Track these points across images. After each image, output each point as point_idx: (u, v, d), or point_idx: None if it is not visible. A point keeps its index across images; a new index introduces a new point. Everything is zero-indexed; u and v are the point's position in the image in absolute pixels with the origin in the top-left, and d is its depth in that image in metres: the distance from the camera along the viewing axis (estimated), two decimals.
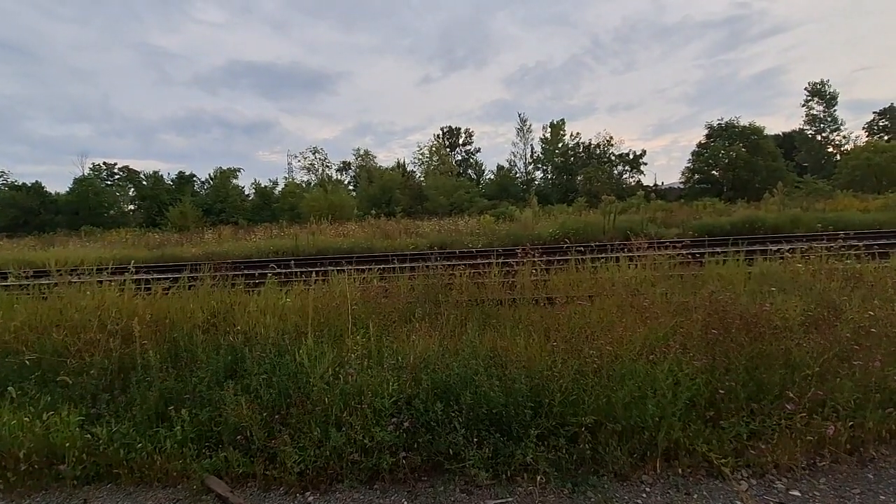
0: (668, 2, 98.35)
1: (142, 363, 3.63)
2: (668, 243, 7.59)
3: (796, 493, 2.48)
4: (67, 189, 47.48)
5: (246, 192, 53.64)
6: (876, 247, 7.97)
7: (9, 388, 3.18)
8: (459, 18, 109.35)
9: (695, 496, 2.47)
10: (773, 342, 3.16)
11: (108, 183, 52.82)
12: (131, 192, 53.53)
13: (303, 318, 4.41)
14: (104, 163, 54.01)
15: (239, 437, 2.92)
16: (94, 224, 38.37)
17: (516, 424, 2.79)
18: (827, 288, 4.48)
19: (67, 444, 2.88)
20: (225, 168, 53.22)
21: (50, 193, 47.82)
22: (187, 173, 53.80)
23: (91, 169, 53.19)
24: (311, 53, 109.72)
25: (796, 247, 6.76)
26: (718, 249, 8.87)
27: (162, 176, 52.19)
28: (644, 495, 2.50)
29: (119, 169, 54.21)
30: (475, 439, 2.72)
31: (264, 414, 2.99)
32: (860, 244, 6.77)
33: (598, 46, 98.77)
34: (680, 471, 2.65)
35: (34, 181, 47.46)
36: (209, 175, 54.15)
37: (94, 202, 45.65)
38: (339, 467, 2.74)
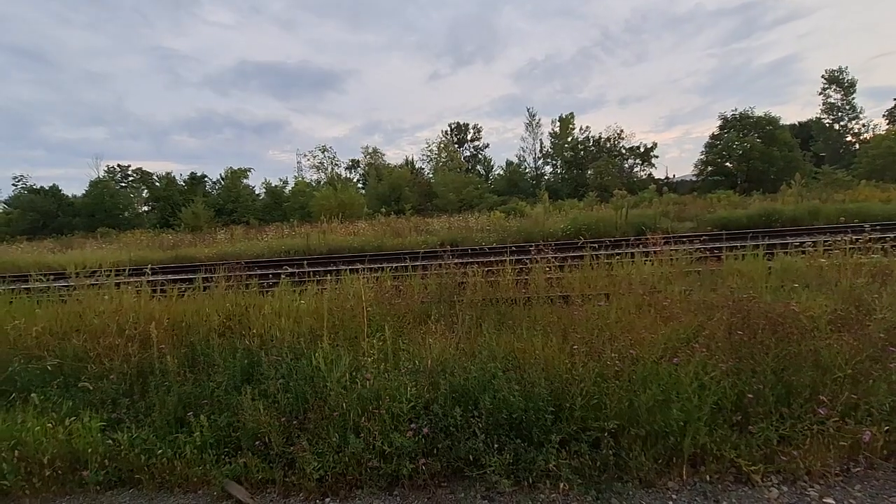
0: None
1: (160, 368, 3.65)
2: (684, 238, 7.47)
3: (830, 500, 2.40)
4: (84, 192, 48.33)
5: (256, 192, 54.05)
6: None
7: (32, 395, 3.21)
8: (466, 14, 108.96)
9: (723, 503, 2.40)
10: (801, 343, 3.06)
11: (123, 185, 53.64)
12: (145, 194, 54.24)
13: (318, 320, 4.40)
14: (118, 165, 54.91)
15: (257, 442, 2.91)
16: (109, 226, 38.94)
17: (537, 430, 2.74)
18: (854, 284, 4.35)
19: (90, 450, 2.90)
20: (236, 168, 53.67)
21: (67, 196, 48.69)
22: (199, 174, 54.42)
23: (106, 171, 54.06)
24: (319, 52, 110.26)
25: (818, 240, 6.59)
26: (737, 244, 8.74)
27: (174, 177, 52.85)
28: (671, 503, 2.44)
29: (133, 171, 55.04)
30: (495, 445, 2.67)
31: (282, 419, 2.98)
32: (886, 237, 6.58)
33: (607, 38, 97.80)
34: (707, 477, 2.58)
35: (52, 184, 48.51)
36: (220, 175, 54.68)
37: (110, 204, 46.34)
38: (358, 473, 2.71)
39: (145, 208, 53.53)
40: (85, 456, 2.92)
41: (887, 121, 51.21)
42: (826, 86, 52.02)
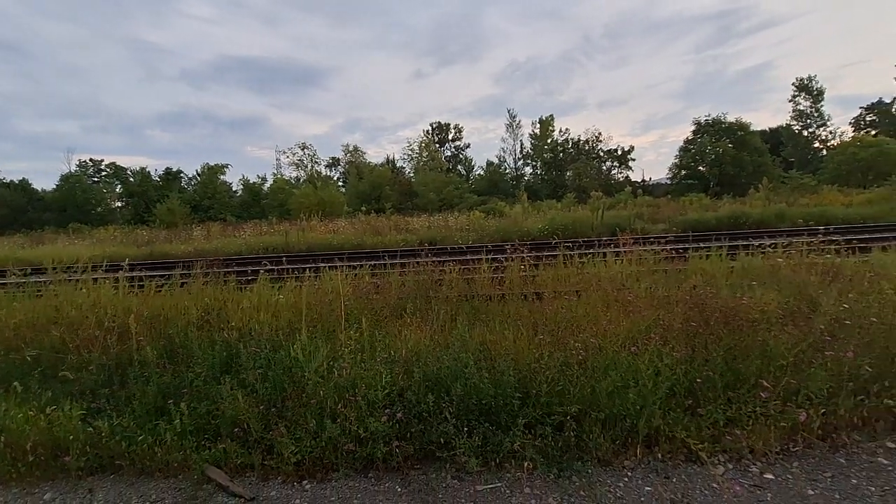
0: None
1: (139, 359, 3.71)
2: (653, 239, 7.78)
3: (770, 476, 2.62)
4: (54, 186, 46.94)
5: (234, 189, 53.24)
6: (856, 241, 8.20)
7: (14, 384, 3.24)
8: (451, 13, 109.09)
9: (674, 480, 2.61)
10: (750, 334, 3.31)
11: (95, 180, 52.16)
12: (118, 189, 52.87)
13: (296, 314, 4.49)
14: (91, 159, 53.35)
15: (237, 429, 3.01)
16: (81, 221, 37.91)
17: (505, 414, 2.91)
18: (806, 282, 4.65)
19: (71, 437, 2.95)
20: (213, 164, 52.73)
21: (37, 191, 47.22)
22: (175, 169, 53.33)
23: (78, 166, 52.53)
24: (301, 48, 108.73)
25: (778, 241, 6.94)
26: (703, 244, 9.11)
27: (149, 172, 51.65)
28: (626, 479, 2.64)
29: (106, 165, 53.55)
30: (465, 429, 2.83)
31: (261, 407, 3.09)
32: (840, 239, 6.98)
33: (588, 42, 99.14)
34: (660, 456, 2.79)
35: (21, 178, 46.98)
36: (197, 171, 53.69)
37: (82, 199, 45.09)
38: (334, 457, 2.84)
39: (118, 204, 52.19)
40: (66, 443, 2.97)
41: (853, 128, 53.30)
42: (796, 93, 53.81)
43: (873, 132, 46.74)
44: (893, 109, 51.46)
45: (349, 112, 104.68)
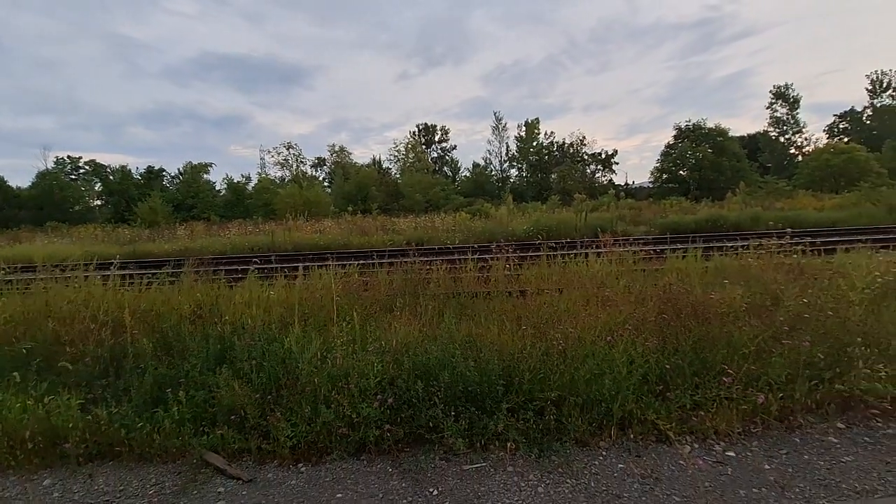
0: (643, 3, 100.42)
1: (133, 352, 3.81)
2: (633, 240, 8.07)
3: (731, 453, 2.86)
4: (31, 183, 45.90)
5: (218, 188, 52.66)
6: (822, 243, 8.59)
7: (14, 374, 3.32)
8: (437, 15, 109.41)
9: (644, 458, 2.83)
10: (717, 326, 3.56)
11: (74, 177, 51.14)
12: (98, 187, 51.91)
13: (287, 309, 4.64)
14: (69, 156, 52.31)
15: (233, 416, 3.15)
16: (59, 220, 37.16)
17: (489, 400, 3.10)
18: (771, 279, 4.93)
19: (70, 426, 3.05)
20: (196, 163, 52.11)
21: (12, 188, 46.07)
22: (157, 168, 52.58)
23: (55, 163, 51.42)
24: (286, 47, 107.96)
25: (751, 243, 7.27)
26: (680, 246, 9.45)
27: (130, 170, 50.86)
28: (601, 458, 2.85)
29: (85, 163, 52.55)
30: (453, 413, 3.02)
31: (257, 395, 3.22)
32: (806, 241, 7.33)
33: (574, 46, 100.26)
34: (632, 437, 3.01)
35: None
36: (179, 170, 53.00)
37: (60, 197, 44.20)
38: (328, 441, 3.00)
39: (98, 202, 51.27)
40: (64, 432, 3.06)
41: (827, 135, 54.98)
42: (773, 101, 55.37)
43: (846, 139, 48.31)
44: (864, 118, 53.23)
45: (335, 112, 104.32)
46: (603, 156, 55.00)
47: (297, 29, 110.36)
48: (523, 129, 58.08)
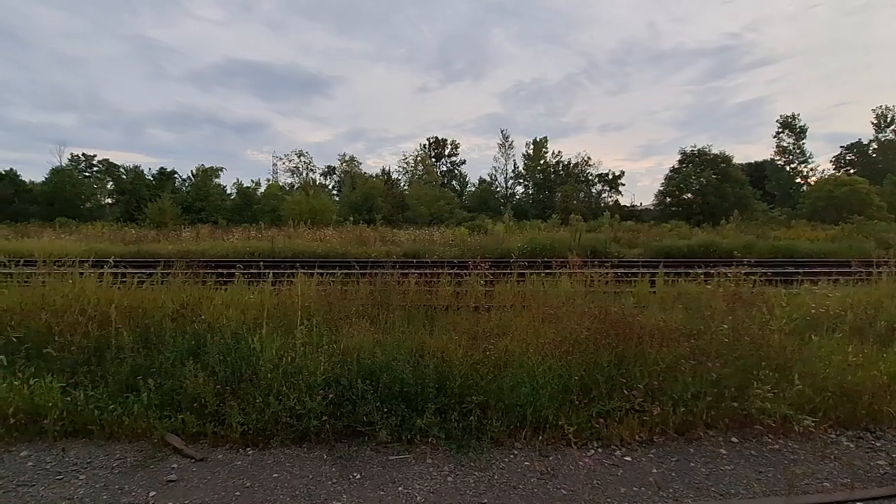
0: (664, 28, 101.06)
1: (116, 344, 4.23)
2: (617, 262, 8.44)
3: (628, 458, 3.21)
4: (43, 179, 47.00)
5: (228, 192, 53.64)
6: (785, 273, 8.91)
7: (1, 357, 3.75)
8: (455, 31, 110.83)
9: (549, 458, 3.19)
10: (636, 345, 3.92)
11: (87, 175, 52.31)
12: (110, 186, 53.04)
13: (261, 311, 5.04)
14: (83, 154, 53.56)
15: (195, 404, 3.55)
16: (69, 216, 37.99)
17: (422, 400, 3.48)
18: (712, 305, 5.28)
19: (50, 405, 3.46)
20: (207, 167, 53.24)
21: (25, 182, 47.24)
22: (169, 169, 53.76)
23: (69, 160, 52.69)
24: (307, 56, 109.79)
25: (714, 271, 7.62)
26: (665, 270, 9.81)
27: (142, 171, 52.02)
28: (512, 456, 3.22)
29: (99, 161, 53.74)
30: (386, 410, 3.40)
31: (217, 386, 3.62)
32: (768, 272, 7.67)
33: (594, 67, 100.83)
34: (542, 440, 3.37)
35: (9, 168, 46.94)
36: (191, 172, 54.13)
37: (71, 194, 45.14)
38: (275, 429, 3.39)
39: (109, 200, 52.35)
40: (45, 411, 3.48)
41: (834, 166, 55.12)
42: (780, 130, 55.65)
43: (851, 171, 48.45)
44: (870, 150, 53.37)
45: (353, 121, 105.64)
46: (610, 176, 55.54)
47: (318, 39, 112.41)
48: (531, 147, 58.74)
